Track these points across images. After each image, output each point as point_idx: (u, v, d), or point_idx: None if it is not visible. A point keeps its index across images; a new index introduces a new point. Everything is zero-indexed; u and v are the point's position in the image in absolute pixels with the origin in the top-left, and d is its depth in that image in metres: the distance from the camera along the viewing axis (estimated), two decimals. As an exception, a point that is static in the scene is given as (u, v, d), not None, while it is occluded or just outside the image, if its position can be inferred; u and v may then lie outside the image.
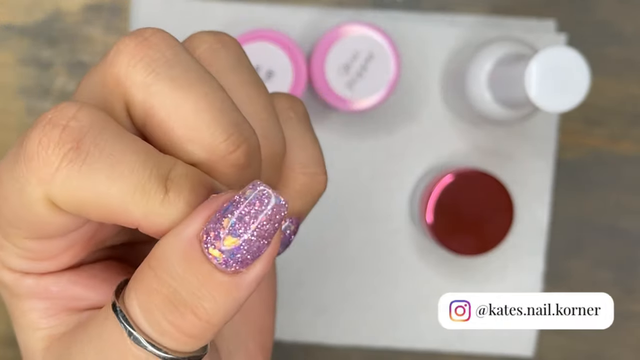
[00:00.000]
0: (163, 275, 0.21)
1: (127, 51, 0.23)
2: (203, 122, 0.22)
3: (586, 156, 0.51)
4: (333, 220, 0.49)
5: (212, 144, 0.23)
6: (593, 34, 0.50)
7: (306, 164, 0.26)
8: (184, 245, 0.21)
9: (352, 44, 0.45)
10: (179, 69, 0.23)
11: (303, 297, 0.49)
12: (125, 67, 0.23)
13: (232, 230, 0.21)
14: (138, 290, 0.22)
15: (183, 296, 0.21)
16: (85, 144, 0.21)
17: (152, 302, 0.22)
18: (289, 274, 0.49)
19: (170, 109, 0.22)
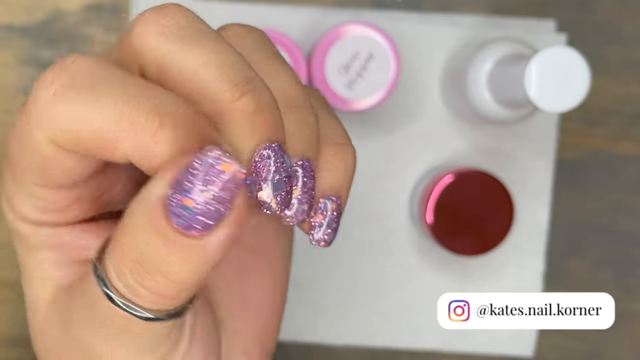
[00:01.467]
0: (132, 239, 0.22)
1: (143, 20, 0.24)
2: (210, 75, 0.23)
3: (586, 156, 0.51)
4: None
5: (218, 92, 0.23)
6: (593, 34, 0.50)
7: (331, 136, 0.27)
8: (149, 209, 0.22)
9: (352, 44, 0.45)
10: (190, 31, 0.24)
11: (303, 297, 0.49)
12: (139, 34, 0.24)
13: (189, 193, 0.21)
14: (112, 253, 0.23)
15: (151, 259, 0.22)
16: (77, 79, 0.23)
17: (123, 265, 0.23)
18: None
19: (180, 65, 0.23)
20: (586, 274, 0.51)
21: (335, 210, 0.27)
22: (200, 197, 0.21)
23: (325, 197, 0.26)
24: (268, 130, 0.24)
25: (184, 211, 0.21)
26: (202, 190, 0.21)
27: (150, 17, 0.24)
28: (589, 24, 0.50)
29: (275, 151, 0.24)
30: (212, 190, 0.21)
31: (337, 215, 0.27)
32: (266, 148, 0.24)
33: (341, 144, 0.27)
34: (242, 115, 0.23)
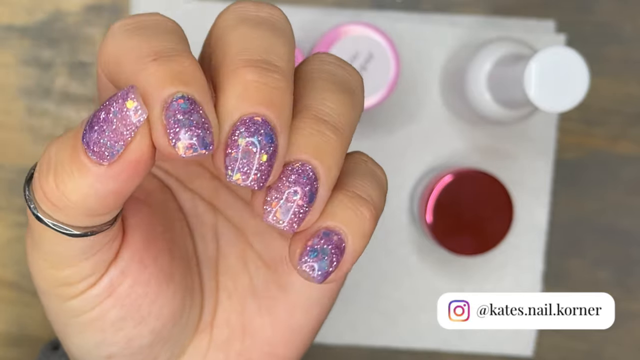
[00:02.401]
0: (57, 140, 0.25)
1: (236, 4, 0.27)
2: (239, 47, 0.25)
3: (585, 156, 0.51)
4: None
5: (233, 59, 0.25)
6: (592, 34, 0.50)
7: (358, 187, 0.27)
8: (75, 130, 0.24)
9: (352, 44, 0.45)
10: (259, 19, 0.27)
11: (303, 297, 0.49)
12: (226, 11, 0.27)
13: (96, 122, 0.24)
14: (45, 153, 0.25)
15: (54, 163, 0.25)
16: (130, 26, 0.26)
17: (39, 164, 0.25)
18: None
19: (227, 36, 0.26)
20: (586, 273, 0.51)
21: (338, 245, 0.26)
22: (105, 120, 0.24)
23: (331, 230, 0.26)
24: (260, 102, 0.24)
25: (92, 132, 0.24)
26: (105, 121, 0.23)
27: (244, 4, 0.27)
28: (588, 24, 0.50)
29: (258, 124, 0.24)
30: (114, 123, 0.23)
31: (337, 252, 0.26)
32: (251, 119, 0.24)
33: (365, 199, 0.26)
34: (240, 80, 0.24)
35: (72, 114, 0.49)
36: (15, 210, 0.49)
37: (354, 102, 0.27)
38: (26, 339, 0.50)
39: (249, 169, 0.24)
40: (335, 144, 0.25)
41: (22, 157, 0.49)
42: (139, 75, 0.24)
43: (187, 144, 0.23)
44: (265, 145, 0.24)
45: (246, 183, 0.24)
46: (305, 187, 0.25)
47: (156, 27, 0.26)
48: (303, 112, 0.25)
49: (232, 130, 0.24)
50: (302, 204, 0.25)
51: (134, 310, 0.29)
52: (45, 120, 0.49)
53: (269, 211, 0.25)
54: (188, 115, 0.23)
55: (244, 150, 0.24)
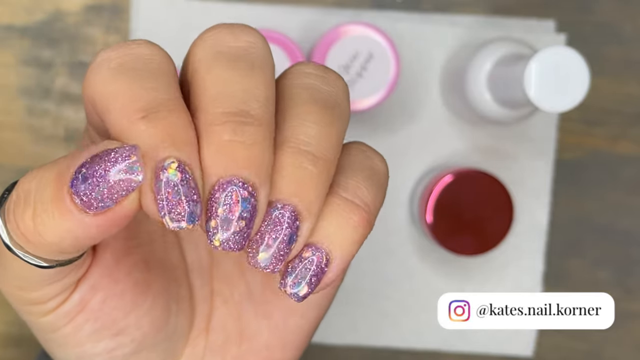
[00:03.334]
0: (37, 175, 0.24)
1: (212, 29, 0.26)
2: (213, 96, 0.24)
3: (585, 156, 0.51)
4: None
5: (208, 113, 0.24)
6: (593, 34, 0.50)
7: (350, 191, 0.26)
8: (63, 165, 0.24)
9: (352, 44, 0.45)
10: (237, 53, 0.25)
11: (303, 297, 0.49)
12: (200, 38, 0.26)
13: (90, 175, 0.23)
14: (20, 181, 0.25)
15: (33, 198, 0.24)
16: (121, 60, 0.25)
17: (16, 192, 0.25)
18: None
19: (201, 77, 0.25)
20: (586, 274, 0.51)
21: (319, 264, 0.25)
22: (102, 179, 0.23)
23: (313, 247, 0.25)
24: (237, 164, 0.24)
25: (84, 182, 0.23)
26: (101, 174, 0.23)
27: (218, 29, 0.26)
28: (588, 24, 0.50)
29: (237, 186, 0.24)
30: (108, 180, 0.23)
31: (318, 271, 0.25)
32: (229, 181, 0.24)
33: (354, 203, 0.26)
34: (216, 140, 0.24)
35: (72, 114, 0.49)
36: (15, 210, 0.49)
37: (338, 115, 0.26)
38: (26, 339, 0.50)
39: (228, 232, 0.24)
40: (318, 178, 0.25)
41: (22, 157, 0.49)
42: (129, 135, 0.23)
43: (175, 218, 0.23)
44: (244, 211, 0.24)
45: (225, 246, 0.24)
46: (285, 232, 0.24)
47: (145, 67, 0.25)
48: (284, 145, 0.25)
49: (211, 193, 0.24)
50: (282, 246, 0.25)
51: (110, 323, 0.29)
52: (45, 120, 0.49)
53: (251, 255, 0.25)
54: (178, 188, 0.23)
55: (222, 219, 0.24)
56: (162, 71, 0.25)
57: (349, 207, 0.25)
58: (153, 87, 0.24)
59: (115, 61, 0.25)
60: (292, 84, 0.26)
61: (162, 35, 0.47)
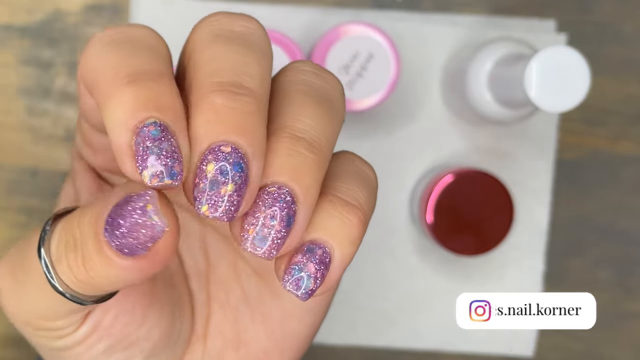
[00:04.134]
0: (80, 227, 0.24)
1: (209, 17, 0.27)
2: (209, 68, 0.24)
3: (586, 156, 0.51)
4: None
5: (203, 83, 0.24)
6: (593, 34, 0.50)
7: (345, 193, 0.26)
8: (96, 216, 0.24)
9: (352, 44, 0.45)
10: (233, 35, 0.26)
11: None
12: (198, 25, 0.27)
13: (116, 227, 0.23)
14: (63, 224, 0.25)
15: (80, 246, 0.24)
16: (114, 38, 0.25)
17: (65, 237, 0.25)
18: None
19: (199, 55, 0.25)
20: (586, 274, 0.51)
21: (322, 260, 0.25)
22: (128, 227, 0.23)
23: (315, 244, 0.25)
24: (230, 129, 0.23)
25: (115, 230, 0.23)
26: (126, 223, 0.23)
27: (217, 16, 0.26)
28: (589, 24, 0.50)
29: (226, 153, 0.23)
30: (131, 227, 0.23)
31: (322, 267, 0.25)
32: (220, 147, 0.23)
33: (350, 204, 0.25)
34: (209, 106, 0.23)
35: (72, 114, 0.49)
36: (15, 210, 0.49)
37: (333, 113, 0.26)
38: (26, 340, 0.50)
39: (217, 201, 0.23)
40: (313, 163, 0.24)
41: (22, 157, 0.49)
42: (113, 98, 0.23)
43: (153, 172, 0.23)
44: (235, 174, 0.23)
45: (214, 215, 0.23)
46: (282, 212, 0.24)
47: (137, 43, 0.25)
48: (279, 132, 0.24)
49: (201, 160, 0.23)
50: (280, 229, 0.24)
51: (122, 338, 0.29)
52: (45, 120, 0.49)
53: (246, 238, 0.24)
54: (158, 142, 0.23)
55: (211, 181, 0.23)
56: (155, 49, 0.25)
57: (347, 208, 0.25)
58: (144, 60, 0.24)
59: (110, 37, 0.25)
60: (288, 80, 0.26)
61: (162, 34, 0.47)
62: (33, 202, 0.49)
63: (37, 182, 0.49)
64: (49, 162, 0.49)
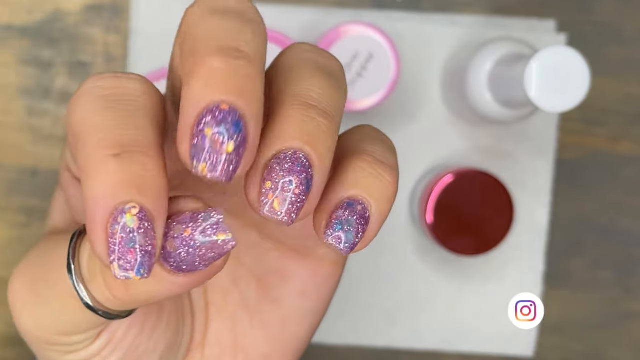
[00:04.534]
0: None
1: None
2: (207, 36, 0.24)
3: (586, 156, 0.51)
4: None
5: (200, 48, 0.24)
6: (593, 34, 0.50)
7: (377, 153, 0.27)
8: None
9: (352, 44, 0.45)
10: (228, 8, 0.25)
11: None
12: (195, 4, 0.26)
13: (180, 246, 0.23)
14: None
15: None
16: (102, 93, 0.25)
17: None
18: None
19: (196, 28, 0.25)
20: (586, 274, 0.51)
21: (363, 215, 0.25)
22: (184, 244, 0.23)
23: (354, 200, 0.25)
24: (228, 90, 0.23)
25: (175, 256, 0.23)
26: (188, 241, 0.23)
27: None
28: (589, 24, 0.50)
29: (225, 112, 0.23)
30: (197, 247, 0.23)
31: (363, 222, 0.25)
32: (218, 106, 0.23)
33: (384, 163, 0.26)
34: (207, 69, 0.23)
35: (72, 114, 0.49)
36: (15, 210, 0.49)
37: (339, 86, 0.26)
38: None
39: (216, 160, 0.23)
40: (327, 129, 0.24)
41: (22, 157, 0.49)
42: (96, 170, 0.23)
43: (123, 267, 0.22)
44: (234, 134, 0.23)
45: (213, 174, 0.23)
46: (301, 175, 0.24)
47: (130, 104, 0.24)
48: (291, 100, 0.24)
49: (198, 120, 0.23)
50: (299, 192, 0.24)
51: (133, 350, 0.28)
52: (45, 120, 0.49)
53: (265, 203, 0.24)
54: (133, 235, 0.22)
55: (210, 140, 0.23)
56: (148, 111, 0.24)
57: (382, 167, 0.26)
58: (136, 127, 0.23)
59: (103, 92, 0.24)
60: (293, 58, 0.26)
61: (162, 35, 0.47)
62: (33, 202, 0.49)
63: (37, 182, 0.49)
64: (49, 162, 0.49)
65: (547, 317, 0.51)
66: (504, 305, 0.50)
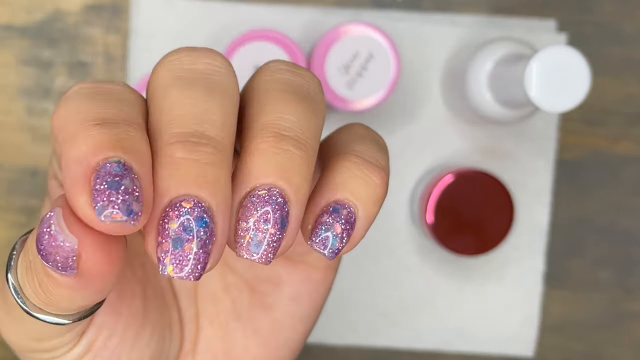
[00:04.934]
0: (31, 249, 0.24)
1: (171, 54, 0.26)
2: (169, 117, 0.24)
3: (586, 156, 0.51)
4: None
5: (163, 133, 0.23)
6: (593, 33, 0.50)
7: (364, 153, 0.26)
8: (32, 238, 0.23)
9: (352, 44, 0.45)
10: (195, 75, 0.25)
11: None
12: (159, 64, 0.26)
13: (39, 249, 0.22)
14: (25, 247, 0.24)
15: (34, 270, 0.23)
16: (81, 91, 0.25)
17: (24, 261, 0.24)
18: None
19: (160, 100, 0.24)
20: (586, 274, 0.51)
21: (348, 219, 0.25)
22: (45, 250, 0.22)
23: (340, 204, 0.25)
24: (191, 182, 0.22)
25: (43, 253, 0.22)
26: (44, 247, 0.22)
27: (178, 53, 0.25)
28: (589, 24, 0.50)
29: (189, 207, 0.22)
30: (52, 252, 0.22)
31: (348, 227, 0.25)
32: (182, 201, 0.22)
33: (372, 164, 0.25)
34: (169, 159, 0.22)
35: (72, 114, 0.49)
36: (15, 210, 0.49)
37: (315, 108, 0.25)
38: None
39: (182, 260, 0.22)
40: (302, 160, 0.24)
41: (22, 157, 0.49)
42: (77, 138, 0.22)
43: (107, 208, 0.21)
44: (199, 230, 0.22)
45: (179, 276, 0.22)
46: (276, 214, 0.23)
47: (113, 95, 0.24)
48: (262, 131, 0.24)
49: (162, 217, 0.22)
50: (274, 231, 0.23)
51: (115, 359, 0.28)
52: (45, 120, 0.49)
53: (242, 245, 0.23)
54: (119, 178, 0.21)
55: (174, 239, 0.22)
56: (130, 102, 0.24)
57: (369, 167, 0.25)
58: (115, 109, 0.23)
59: (88, 89, 0.24)
60: (265, 80, 0.25)
61: (162, 35, 0.47)
62: (33, 202, 0.49)
63: (37, 182, 0.49)
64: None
65: (547, 317, 0.51)
66: (504, 305, 0.50)
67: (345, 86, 0.45)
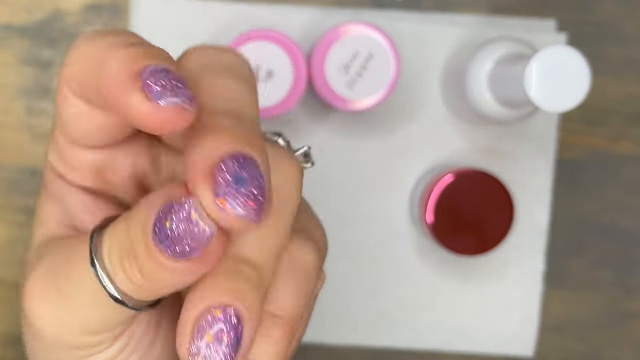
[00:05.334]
0: (128, 235, 0.24)
1: (198, 49, 0.28)
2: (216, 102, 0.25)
3: (586, 156, 0.51)
4: (333, 221, 0.49)
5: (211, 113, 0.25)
6: (594, 33, 0.50)
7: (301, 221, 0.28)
8: (142, 223, 0.24)
9: (352, 44, 0.45)
10: (225, 67, 0.27)
11: (303, 297, 0.49)
12: (191, 55, 0.28)
13: (164, 231, 0.23)
14: (110, 235, 0.25)
15: (135, 254, 0.24)
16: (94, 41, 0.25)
17: (118, 247, 0.25)
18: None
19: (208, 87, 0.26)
20: (586, 274, 0.51)
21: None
22: (177, 236, 0.23)
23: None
24: (238, 142, 0.23)
25: (164, 238, 0.23)
26: (177, 233, 0.23)
27: (206, 50, 0.27)
28: (589, 23, 0.50)
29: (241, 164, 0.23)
30: (187, 237, 0.23)
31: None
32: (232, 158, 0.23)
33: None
34: (216, 127, 0.24)
35: (72, 114, 0.49)
36: (15, 210, 0.49)
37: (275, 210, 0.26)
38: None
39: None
40: (257, 281, 0.25)
41: (22, 156, 0.49)
42: (111, 59, 0.23)
43: (166, 96, 0.23)
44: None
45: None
46: (230, 333, 0.24)
47: (131, 34, 0.25)
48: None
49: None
50: (228, 352, 0.24)
51: (148, 350, 0.29)
52: (45, 120, 0.49)
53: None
54: (165, 74, 0.23)
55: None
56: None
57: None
58: (141, 40, 0.24)
59: (96, 32, 0.25)
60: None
61: (162, 35, 0.47)
62: (33, 202, 0.49)
63: (37, 182, 0.49)
64: (49, 162, 0.49)
65: (547, 317, 0.51)
66: (504, 305, 0.50)
67: (345, 86, 0.45)
